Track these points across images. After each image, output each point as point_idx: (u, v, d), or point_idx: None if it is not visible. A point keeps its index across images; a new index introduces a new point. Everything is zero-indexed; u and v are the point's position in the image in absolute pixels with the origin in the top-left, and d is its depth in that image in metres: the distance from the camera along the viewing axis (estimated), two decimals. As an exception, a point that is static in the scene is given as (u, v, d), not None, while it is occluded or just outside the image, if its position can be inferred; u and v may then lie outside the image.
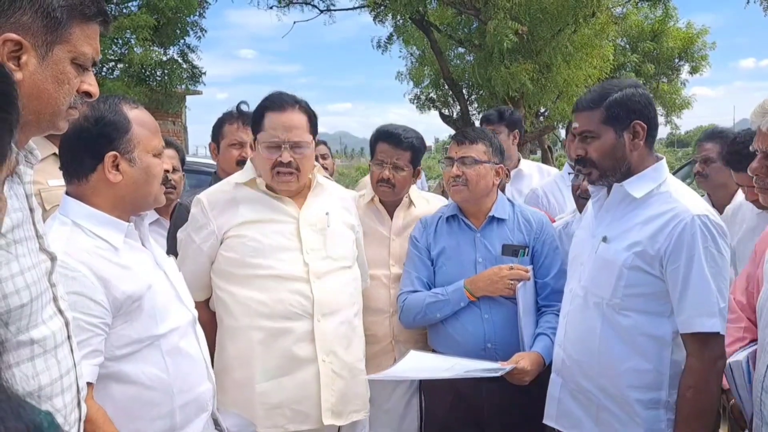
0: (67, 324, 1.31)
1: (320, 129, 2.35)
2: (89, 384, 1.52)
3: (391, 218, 2.74)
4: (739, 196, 3.14)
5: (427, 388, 2.65)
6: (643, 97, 1.98)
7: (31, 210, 1.27)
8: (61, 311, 1.30)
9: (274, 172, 2.20)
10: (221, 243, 2.22)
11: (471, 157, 2.50)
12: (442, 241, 2.57)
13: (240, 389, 2.18)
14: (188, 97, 18.14)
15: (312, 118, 2.27)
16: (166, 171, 1.83)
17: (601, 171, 2.00)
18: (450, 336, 2.49)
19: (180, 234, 2.33)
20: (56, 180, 2.21)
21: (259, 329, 2.16)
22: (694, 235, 1.84)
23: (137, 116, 1.73)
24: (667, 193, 1.95)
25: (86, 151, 1.69)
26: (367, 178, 3.05)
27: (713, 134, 3.29)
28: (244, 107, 2.89)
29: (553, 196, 3.62)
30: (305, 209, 2.28)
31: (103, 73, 11.46)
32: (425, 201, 2.85)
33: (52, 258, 1.30)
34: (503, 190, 3.06)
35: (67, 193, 1.73)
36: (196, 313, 1.89)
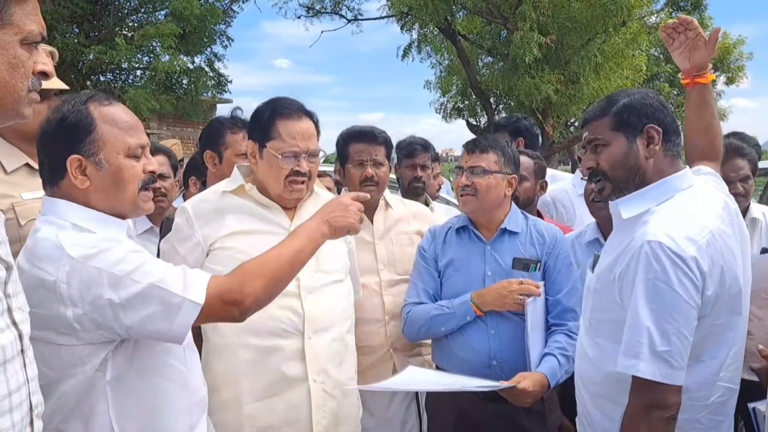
0: (20, 337, 1.23)
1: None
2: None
3: (372, 222, 2.67)
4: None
5: (429, 406, 2.56)
6: (656, 100, 1.81)
7: None
8: (15, 323, 1.22)
9: (287, 180, 2.11)
10: (207, 255, 2.10)
11: (480, 166, 2.40)
12: (451, 252, 2.48)
13: (227, 410, 2.07)
14: (218, 106, 18.35)
15: (317, 126, 2.21)
16: (152, 172, 1.64)
17: (613, 183, 1.80)
18: (454, 351, 2.39)
19: (163, 244, 2.22)
20: (30, 193, 2.11)
21: (246, 347, 2.05)
22: (638, 265, 1.63)
23: (106, 113, 1.57)
24: (651, 213, 1.73)
25: (50, 156, 1.57)
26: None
27: (741, 150, 3.11)
28: (238, 113, 2.82)
29: (562, 205, 3.46)
30: (297, 220, 2.16)
31: (129, 81, 11.65)
32: (400, 202, 2.81)
33: (8, 267, 1.22)
34: (530, 204, 2.95)
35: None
36: None
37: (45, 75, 1.22)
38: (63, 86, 2.32)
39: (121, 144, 1.58)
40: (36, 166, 2.21)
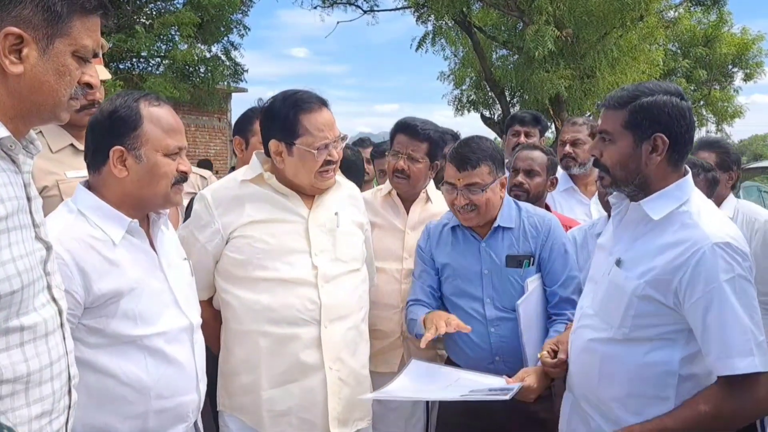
0: (60, 312, 1.33)
1: (365, 129, 2.35)
2: None
3: (408, 213, 2.71)
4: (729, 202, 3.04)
5: None
6: (676, 108, 1.73)
7: (29, 199, 1.29)
8: (54, 300, 1.32)
9: (319, 171, 2.14)
10: (226, 243, 2.14)
11: (476, 183, 2.35)
12: (446, 252, 2.50)
13: (246, 394, 2.15)
14: (234, 95, 18.42)
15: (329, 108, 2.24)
16: (184, 173, 1.78)
17: (612, 178, 1.83)
18: (460, 348, 2.45)
19: (181, 231, 2.22)
20: (74, 171, 2.22)
21: (265, 335, 2.11)
22: (715, 267, 1.64)
23: (153, 114, 1.73)
24: (687, 214, 1.74)
25: (97, 143, 1.74)
26: None
27: (710, 143, 3.16)
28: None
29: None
30: (316, 209, 2.21)
31: (148, 69, 11.78)
32: (442, 199, 2.80)
33: (48, 247, 1.33)
34: (539, 198, 2.97)
35: (86, 182, 1.78)
36: (197, 321, 1.88)
37: (89, 86, 1.31)
38: (106, 76, 2.42)
39: (160, 143, 1.74)
40: (80, 147, 2.29)
